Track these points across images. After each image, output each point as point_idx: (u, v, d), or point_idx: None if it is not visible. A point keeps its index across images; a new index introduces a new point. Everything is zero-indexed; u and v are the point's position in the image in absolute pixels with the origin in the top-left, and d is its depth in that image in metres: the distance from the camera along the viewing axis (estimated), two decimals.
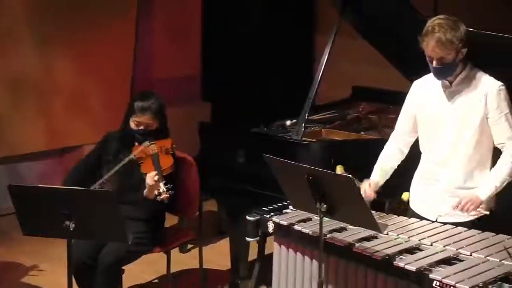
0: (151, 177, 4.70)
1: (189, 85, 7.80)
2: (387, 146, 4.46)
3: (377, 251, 3.80)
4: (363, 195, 4.21)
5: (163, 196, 4.64)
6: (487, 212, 4.16)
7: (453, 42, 4.05)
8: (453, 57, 4.09)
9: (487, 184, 4.16)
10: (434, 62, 4.10)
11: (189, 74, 7.81)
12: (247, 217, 4.38)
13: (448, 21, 4.08)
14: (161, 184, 4.66)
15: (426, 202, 4.33)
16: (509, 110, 4.17)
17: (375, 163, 4.45)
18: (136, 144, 4.91)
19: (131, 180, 4.88)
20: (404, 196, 4.32)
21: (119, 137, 5.03)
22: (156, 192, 4.66)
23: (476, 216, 4.16)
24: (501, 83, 4.17)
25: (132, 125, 4.95)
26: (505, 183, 4.17)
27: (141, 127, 4.93)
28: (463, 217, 4.18)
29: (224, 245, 5.96)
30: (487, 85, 4.18)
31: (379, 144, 4.55)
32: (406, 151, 4.43)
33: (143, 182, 4.77)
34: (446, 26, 4.05)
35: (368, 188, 4.29)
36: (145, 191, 4.77)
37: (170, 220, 5.73)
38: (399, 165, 4.42)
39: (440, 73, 4.16)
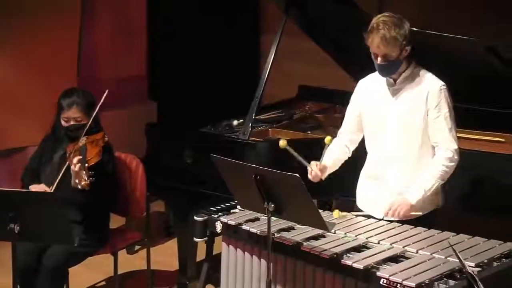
0: (73, 164, 4.66)
1: (135, 85, 7.74)
2: (335, 140, 4.48)
3: (325, 249, 3.82)
4: (310, 176, 4.22)
5: (83, 183, 4.58)
6: (420, 213, 4.20)
7: (397, 39, 4.09)
8: (397, 54, 4.12)
9: (417, 188, 4.19)
10: (379, 59, 4.14)
11: (136, 74, 7.76)
12: (195, 217, 4.37)
13: (393, 19, 4.12)
14: (83, 172, 4.60)
15: (372, 201, 4.36)
16: (448, 110, 4.20)
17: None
18: (70, 143, 4.88)
19: (68, 179, 4.83)
20: (335, 214, 4.29)
21: (54, 138, 5.00)
22: (77, 181, 4.62)
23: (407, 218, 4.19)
24: (443, 83, 4.21)
25: (63, 122, 4.93)
26: (435, 186, 4.20)
27: (71, 123, 4.90)
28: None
29: (172, 245, 5.94)
30: (430, 83, 4.22)
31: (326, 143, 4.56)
32: (352, 148, 4.46)
33: None
34: (390, 23, 4.09)
35: (315, 168, 4.29)
36: (72, 181, 4.72)
37: (117, 221, 5.70)
38: (347, 163, 4.44)
39: (385, 70, 4.19)
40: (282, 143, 4.32)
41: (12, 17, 6.70)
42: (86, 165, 4.64)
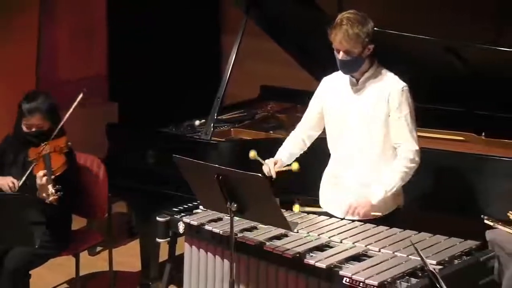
0: (39, 177, 4.62)
1: (95, 85, 7.68)
2: (292, 134, 4.50)
3: (288, 249, 3.82)
4: (266, 172, 4.25)
5: (51, 198, 4.55)
6: (380, 214, 4.23)
7: (360, 36, 4.11)
8: (360, 52, 4.14)
9: (378, 188, 4.21)
10: (340, 54, 4.15)
11: (96, 74, 7.71)
12: (157, 218, 4.36)
13: (357, 16, 4.14)
14: (50, 186, 4.57)
15: (335, 200, 4.38)
16: (409, 111, 4.22)
17: None
18: (32, 147, 4.83)
19: (32, 183, 4.79)
20: (295, 208, 4.33)
21: (15, 141, 4.94)
22: (44, 194, 4.58)
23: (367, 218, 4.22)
24: (405, 84, 4.23)
25: (24, 128, 4.86)
26: (396, 188, 4.23)
27: (33, 129, 4.85)
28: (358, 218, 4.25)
29: (134, 246, 5.91)
30: (391, 84, 4.24)
31: None
32: (308, 143, 4.49)
33: None
34: (354, 20, 4.11)
35: (272, 166, 4.31)
36: (37, 192, 4.68)
37: (79, 222, 5.66)
38: (310, 162, 4.46)
39: (346, 67, 4.21)
40: (252, 154, 4.33)
41: None
42: (53, 177, 4.60)
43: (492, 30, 6.27)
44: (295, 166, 4.37)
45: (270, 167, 4.32)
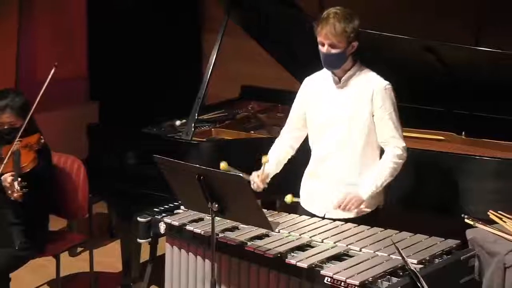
0: (4, 179, 4.60)
1: (76, 86, 7.67)
2: (278, 141, 4.49)
3: (269, 249, 3.82)
4: (252, 186, 4.25)
5: (15, 194, 4.52)
6: (369, 210, 4.24)
7: (346, 31, 4.13)
8: (344, 47, 4.16)
9: (368, 184, 4.23)
10: (325, 48, 4.16)
11: (76, 74, 7.68)
12: (138, 218, 4.34)
13: (344, 12, 4.17)
14: (15, 183, 4.54)
15: (315, 199, 4.39)
16: (393, 109, 4.25)
17: None
18: (5, 144, 4.80)
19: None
20: (287, 198, 4.35)
21: None
22: (9, 191, 4.56)
23: (358, 214, 4.24)
24: (387, 82, 4.25)
25: None
26: (386, 183, 4.25)
27: (5, 127, 4.82)
28: (350, 213, 4.26)
29: (115, 247, 5.89)
30: (375, 82, 4.26)
31: (269, 143, 4.58)
32: (297, 146, 4.48)
33: None
34: (341, 15, 4.14)
35: (257, 179, 4.31)
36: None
37: (59, 223, 5.64)
38: (291, 162, 4.46)
39: (330, 61, 4.21)
40: (223, 165, 4.32)
41: None
42: (19, 173, 4.57)
43: (471, 31, 6.30)
44: (288, 199, 4.36)
45: (254, 180, 4.32)
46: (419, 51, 5.01)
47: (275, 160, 4.42)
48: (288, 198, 4.35)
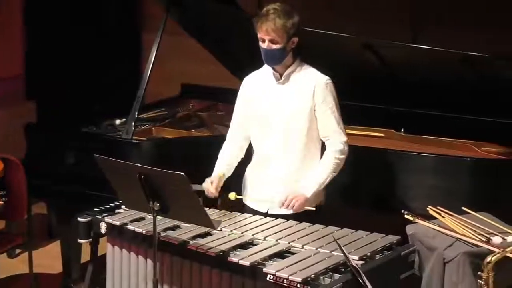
0: None
1: (12, 85, 7.56)
2: (226, 145, 4.48)
3: (212, 247, 3.82)
4: (207, 194, 4.25)
5: None
6: (313, 208, 4.26)
7: (286, 26, 4.15)
8: (285, 43, 4.18)
9: (311, 181, 4.26)
10: (266, 43, 4.18)
11: (12, 73, 7.57)
12: (78, 219, 4.30)
13: (284, 8, 4.20)
14: None
15: (258, 196, 4.40)
16: (335, 103, 4.29)
17: (206, 159, 4.48)
18: None
19: None
20: (231, 195, 4.34)
21: None
22: None
23: (301, 210, 4.26)
24: (328, 77, 4.29)
25: None
26: (329, 179, 4.29)
27: None
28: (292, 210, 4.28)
29: (55, 248, 5.83)
30: (315, 78, 4.29)
31: (210, 141, 4.58)
32: (246, 145, 4.48)
33: None
34: (281, 11, 4.17)
35: (211, 187, 4.31)
36: None
37: None
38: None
39: (271, 57, 4.23)
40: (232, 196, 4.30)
41: None
42: None
43: (409, 29, 6.38)
44: (232, 197, 4.34)
45: (208, 188, 4.31)
46: (358, 49, 5.05)
47: (226, 164, 4.41)
48: (232, 196, 4.34)
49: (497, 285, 3.44)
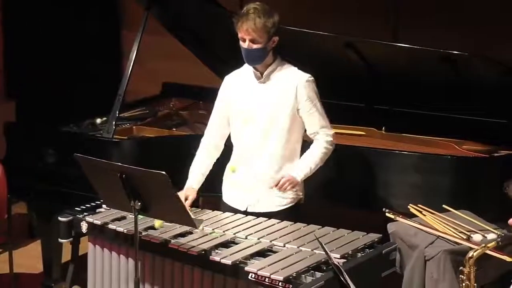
0: None
1: None
2: (202, 145, 4.47)
3: (193, 246, 3.82)
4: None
5: None
6: (302, 196, 4.28)
7: (267, 26, 4.16)
8: (265, 42, 4.19)
9: (302, 166, 4.29)
10: (246, 43, 4.18)
11: None
12: (59, 218, 4.28)
13: (264, 7, 4.20)
14: None
15: (237, 193, 4.40)
16: (318, 100, 4.32)
17: (188, 158, 4.47)
18: None
19: None
20: (156, 223, 4.23)
21: None
22: None
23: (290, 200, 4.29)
24: (309, 75, 4.31)
25: None
26: (317, 167, 4.32)
27: None
28: (271, 207, 4.30)
29: (35, 247, 5.80)
30: (297, 77, 4.30)
31: (191, 140, 4.58)
32: (223, 143, 4.48)
33: None
34: (261, 11, 4.17)
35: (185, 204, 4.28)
36: None
37: None
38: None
39: (251, 57, 4.23)
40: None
41: None
42: None
43: (390, 28, 6.39)
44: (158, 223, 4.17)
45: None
46: (339, 47, 5.06)
47: (201, 173, 4.41)
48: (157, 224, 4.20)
49: (477, 281, 3.45)
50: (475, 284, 3.38)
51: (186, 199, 4.24)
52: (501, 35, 5.96)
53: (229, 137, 4.45)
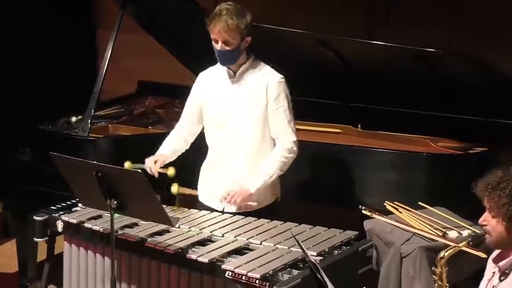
0: None
1: None
2: (174, 132, 4.48)
3: (170, 244, 3.81)
4: (148, 171, 4.23)
5: None
6: (255, 203, 4.27)
7: (240, 27, 4.15)
8: (238, 43, 4.18)
9: (257, 178, 4.26)
10: (219, 45, 4.17)
11: None
12: (35, 217, 4.27)
13: (236, 7, 4.18)
14: None
15: (213, 194, 4.39)
16: (287, 102, 4.29)
17: None
18: None
19: None
20: (174, 188, 4.33)
21: None
22: None
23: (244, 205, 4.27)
24: (281, 76, 4.30)
25: None
26: (274, 177, 4.28)
27: None
28: (248, 207, 4.28)
29: (10, 247, 5.77)
30: (269, 76, 4.30)
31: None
32: (191, 140, 4.48)
33: None
34: (234, 11, 4.16)
35: (153, 166, 4.28)
36: None
37: None
38: (189, 158, 4.44)
39: (224, 58, 4.23)
40: (127, 165, 4.29)
41: None
42: None
43: (364, 26, 6.40)
44: (171, 172, 4.33)
45: (151, 166, 4.29)
46: (313, 45, 5.06)
47: (172, 148, 4.41)
48: (174, 188, 4.33)
49: (452, 279, 3.47)
50: (447, 284, 3.39)
51: (155, 163, 4.27)
52: (500, 35, 5.94)
53: (203, 138, 4.44)
